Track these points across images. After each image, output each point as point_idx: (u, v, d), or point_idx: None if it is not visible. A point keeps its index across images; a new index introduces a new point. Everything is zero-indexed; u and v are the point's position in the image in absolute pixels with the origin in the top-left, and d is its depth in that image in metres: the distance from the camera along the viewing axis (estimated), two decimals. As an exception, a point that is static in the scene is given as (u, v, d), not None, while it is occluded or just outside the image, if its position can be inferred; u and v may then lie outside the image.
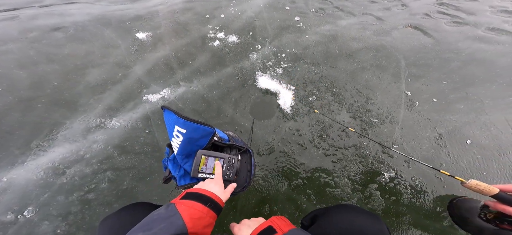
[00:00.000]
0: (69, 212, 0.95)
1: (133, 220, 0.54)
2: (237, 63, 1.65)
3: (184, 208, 0.48)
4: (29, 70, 1.62)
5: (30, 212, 0.95)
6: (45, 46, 1.86)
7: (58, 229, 0.91)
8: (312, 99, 1.38)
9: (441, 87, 1.47)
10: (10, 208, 0.95)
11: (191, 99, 1.40)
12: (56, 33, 2.00)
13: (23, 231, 0.90)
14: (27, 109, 1.33)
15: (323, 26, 2.02)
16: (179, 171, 0.70)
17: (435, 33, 1.90)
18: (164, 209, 0.48)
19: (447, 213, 0.95)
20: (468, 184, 0.64)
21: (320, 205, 1.00)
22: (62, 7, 2.44)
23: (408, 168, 1.09)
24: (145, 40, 1.90)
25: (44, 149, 1.15)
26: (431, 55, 1.70)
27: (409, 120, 1.29)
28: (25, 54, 1.78)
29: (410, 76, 1.54)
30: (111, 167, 1.08)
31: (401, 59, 1.68)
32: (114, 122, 1.26)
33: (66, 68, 1.63)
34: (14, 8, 2.42)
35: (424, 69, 1.59)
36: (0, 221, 0.92)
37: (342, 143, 1.19)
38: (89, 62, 1.68)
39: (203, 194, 0.53)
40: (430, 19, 2.09)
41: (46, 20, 2.19)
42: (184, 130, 0.63)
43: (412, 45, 1.80)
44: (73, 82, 1.52)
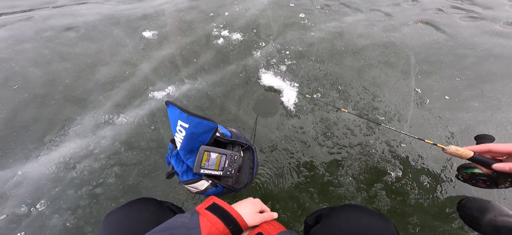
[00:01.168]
0: (78, 206, 0.99)
1: (139, 215, 0.56)
2: (241, 61, 1.65)
3: (206, 224, 0.47)
4: (43, 69, 1.70)
5: (42, 205, 0.99)
6: (58, 45, 1.94)
7: (67, 222, 0.95)
8: (316, 96, 1.36)
9: (454, 84, 1.41)
10: (24, 201, 1.00)
11: (195, 96, 1.42)
12: (68, 33, 2.08)
13: (35, 224, 0.94)
14: (41, 106, 1.40)
15: (329, 23, 1.98)
16: (182, 166, 0.70)
17: (449, 29, 1.82)
18: (188, 218, 0.48)
19: (457, 214, 0.92)
20: (448, 150, 0.67)
21: (323, 204, 0.99)
22: (74, 7, 2.53)
23: (417, 168, 1.06)
24: (151, 39, 1.94)
25: (57, 144, 1.20)
26: (444, 51, 1.63)
27: (418, 118, 1.25)
28: (40, 53, 1.86)
29: (420, 73, 1.49)
30: (118, 162, 1.11)
31: (411, 55, 1.62)
32: (121, 118, 1.30)
33: (78, 67, 1.69)
34: (30, 9, 2.54)
35: (436, 65, 1.53)
36: (15, 213, 0.97)
37: (347, 141, 1.16)
38: (99, 61, 1.73)
39: (229, 213, 0.51)
40: (443, 14, 2.00)
41: (59, 21, 2.28)
42: (187, 124, 0.64)
43: (423, 41, 1.73)
44: (83, 80, 1.57)
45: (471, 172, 0.78)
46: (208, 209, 0.51)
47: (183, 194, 1.02)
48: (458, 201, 0.95)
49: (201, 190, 0.70)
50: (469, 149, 0.65)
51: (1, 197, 1.02)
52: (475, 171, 0.77)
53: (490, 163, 0.61)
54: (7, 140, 1.22)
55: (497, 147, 0.60)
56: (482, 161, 0.63)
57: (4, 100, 1.45)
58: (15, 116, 1.34)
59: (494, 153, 0.61)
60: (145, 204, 0.61)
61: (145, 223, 0.54)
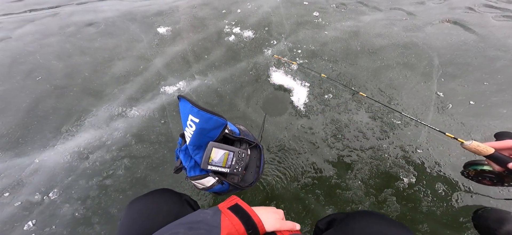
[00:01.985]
0: (87, 196, 1.03)
1: (160, 206, 0.58)
2: (251, 58, 1.64)
3: (227, 224, 0.48)
4: (64, 62, 1.81)
5: (55, 193, 1.05)
6: (79, 40, 2.06)
7: (76, 212, 0.99)
8: (328, 97, 1.32)
9: (481, 88, 1.30)
10: (38, 189, 1.07)
11: (205, 92, 1.43)
12: (89, 28, 2.20)
13: (46, 212, 1.00)
14: (61, 97, 1.49)
15: (344, 22, 1.91)
16: (190, 161, 0.71)
17: (480, 29, 1.69)
18: (211, 215, 0.49)
19: (470, 224, 0.86)
20: (469, 145, 0.66)
21: (329, 207, 0.96)
22: (96, 4, 2.67)
23: (433, 175, 1.00)
24: (165, 35, 1.99)
25: (72, 133, 1.27)
26: (472, 53, 1.52)
27: (438, 124, 1.17)
28: (62, 47, 1.98)
29: (443, 75, 1.40)
30: (128, 155, 1.16)
31: (434, 57, 1.52)
32: (134, 111, 1.35)
33: (96, 61, 1.78)
34: (56, 6, 2.72)
35: (462, 68, 1.42)
36: (29, 201, 1.03)
37: (359, 144, 1.12)
38: (116, 55, 1.81)
39: (251, 217, 0.51)
40: (474, 13, 1.86)
41: (82, 17, 2.41)
42: (197, 119, 0.64)
43: (449, 42, 1.62)
44: (101, 73, 1.65)
45: (480, 169, 0.76)
46: (230, 209, 0.51)
47: (188, 189, 1.04)
48: (474, 210, 0.89)
49: (207, 187, 0.71)
50: (490, 145, 0.63)
51: (18, 183, 1.10)
52: (483, 168, 0.75)
53: (508, 162, 0.60)
54: (27, 128, 1.31)
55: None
56: (500, 158, 0.62)
57: (28, 90, 1.56)
58: (37, 105, 1.44)
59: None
60: (166, 195, 0.63)
61: (165, 214, 0.56)
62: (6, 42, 2.13)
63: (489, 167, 0.71)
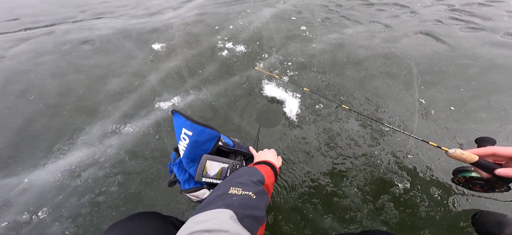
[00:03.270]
0: (79, 214, 0.94)
1: (142, 229, 0.54)
2: (244, 72, 1.62)
3: (261, 167, 0.61)
4: (59, 80, 1.71)
5: (44, 212, 0.95)
6: (74, 58, 1.97)
7: (66, 231, 0.89)
8: (318, 107, 1.30)
9: (459, 95, 1.32)
10: (26, 208, 0.96)
11: (200, 106, 1.38)
12: (84, 46, 2.12)
13: (34, 232, 0.90)
14: (54, 116, 1.39)
15: (330, 35, 1.95)
16: (184, 175, 0.68)
17: (449, 39, 1.75)
18: (247, 167, 0.61)
19: (472, 228, 0.83)
20: (453, 154, 0.62)
21: (327, 215, 0.91)
22: (91, 22, 2.60)
23: (426, 179, 0.97)
24: (160, 51, 1.95)
25: (64, 152, 1.17)
26: (446, 62, 1.56)
27: (424, 129, 1.16)
28: (57, 65, 1.89)
29: (423, 83, 1.41)
30: (122, 171, 1.07)
31: (413, 66, 1.55)
32: (128, 128, 1.27)
33: (91, 78, 1.70)
34: (52, 24, 2.63)
35: (439, 76, 1.45)
36: (16, 221, 0.93)
37: (351, 151, 1.09)
38: (110, 72, 1.74)
39: (269, 162, 0.66)
40: (442, 25, 1.94)
41: (77, 34, 2.33)
42: (191, 132, 0.62)
43: (424, 52, 1.67)
44: (95, 91, 1.57)
45: (469, 176, 0.73)
46: (256, 164, 0.64)
47: (184, 203, 0.96)
48: (472, 216, 0.86)
49: (202, 199, 0.67)
50: (474, 152, 0.60)
51: (5, 204, 0.99)
52: (472, 174, 0.72)
53: (493, 168, 0.57)
54: (18, 148, 1.20)
55: (502, 150, 0.55)
56: (485, 165, 0.59)
57: (20, 110, 1.45)
58: (29, 125, 1.33)
59: (498, 157, 0.57)
60: (150, 218, 0.58)
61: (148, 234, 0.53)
62: (1, 61, 2.01)
63: (478, 173, 0.68)
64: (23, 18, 2.88)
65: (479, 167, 0.60)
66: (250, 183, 0.49)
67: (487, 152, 0.58)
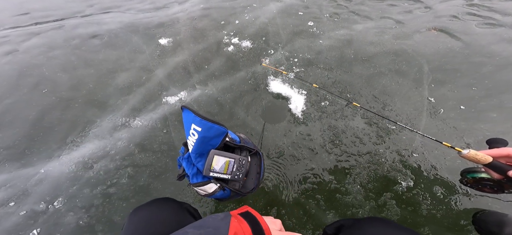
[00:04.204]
0: (91, 205, 1.01)
1: (162, 215, 0.58)
2: (250, 68, 1.65)
3: (236, 225, 0.48)
4: (70, 74, 1.79)
5: (59, 202, 1.03)
6: (84, 52, 2.05)
7: (80, 221, 0.97)
8: (324, 104, 1.32)
9: (470, 93, 1.31)
10: (43, 198, 1.05)
11: (206, 102, 1.43)
12: (93, 40, 2.20)
13: (51, 221, 0.98)
14: (66, 108, 1.47)
15: (338, 31, 1.94)
16: (192, 169, 0.71)
17: (464, 36, 1.71)
18: (221, 218, 0.49)
19: (472, 227, 0.85)
20: (466, 154, 0.62)
21: (329, 211, 0.94)
22: (99, 16, 2.68)
23: (430, 178, 0.99)
24: (166, 46, 2.00)
25: (77, 144, 1.25)
26: (459, 59, 1.53)
27: (432, 128, 1.17)
28: (68, 60, 1.98)
29: (433, 81, 1.41)
30: (131, 164, 1.14)
31: (423, 63, 1.54)
32: (137, 122, 1.33)
33: (100, 72, 1.77)
34: (61, 18, 2.72)
35: (451, 74, 1.44)
36: (33, 210, 1.01)
37: (356, 149, 1.11)
38: (119, 67, 1.81)
39: (259, 223, 0.52)
40: (458, 21, 1.89)
41: (86, 29, 2.42)
42: (200, 128, 0.65)
43: (437, 49, 1.64)
44: (105, 85, 1.64)
45: (478, 176, 0.73)
46: (241, 215, 0.52)
47: (190, 196, 1.02)
48: (473, 214, 0.88)
49: (209, 193, 0.71)
50: (487, 153, 0.61)
51: (23, 193, 1.07)
52: (482, 175, 0.72)
53: (507, 169, 0.58)
54: (33, 140, 1.29)
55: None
56: (498, 167, 0.60)
57: (34, 103, 1.54)
58: (43, 117, 1.42)
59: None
60: (167, 204, 0.62)
61: (167, 223, 0.56)
62: (14, 55, 2.12)
63: (487, 174, 0.68)
64: (33, 12, 2.99)
65: (492, 168, 0.61)
66: None
67: (502, 154, 0.59)
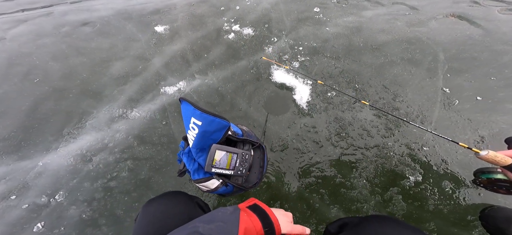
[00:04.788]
0: (93, 198, 1.09)
1: (174, 209, 0.61)
2: (252, 56, 1.69)
3: (245, 219, 0.51)
4: (61, 63, 1.86)
5: (61, 196, 1.11)
6: (75, 40, 2.11)
7: (83, 214, 1.05)
8: (330, 94, 1.37)
9: (489, 84, 1.34)
10: (44, 191, 1.12)
11: (206, 92, 1.48)
12: (84, 28, 2.25)
13: (54, 214, 1.06)
14: (60, 99, 1.54)
15: (346, 18, 1.96)
16: (193, 164, 0.74)
17: (485, 23, 1.73)
18: (231, 211, 0.53)
19: (478, 222, 0.91)
20: (485, 156, 0.63)
21: (333, 206, 1.01)
22: (89, 2, 2.72)
23: (440, 173, 1.04)
24: (163, 34, 2.04)
25: (74, 136, 1.33)
26: (478, 48, 1.56)
27: (444, 120, 1.21)
28: (58, 48, 2.04)
29: (449, 71, 1.44)
30: (131, 157, 1.21)
31: (439, 52, 1.56)
32: (134, 113, 1.40)
33: (93, 61, 1.83)
34: (49, 5, 2.77)
35: (468, 63, 1.47)
36: (35, 203, 1.09)
37: (363, 142, 1.17)
38: (113, 55, 1.86)
39: (268, 215, 0.55)
40: (479, 7, 1.89)
41: (76, 16, 2.46)
42: (200, 122, 0.67)
43: (454, 36, 1.66)
44: (99, 74, 1.71)
45: (494, 177, 0.75)
46: (249, 208, 0.56)
47: (192, 190, 1.09)
48: (481, 210, 0.92)
49: (211, 189, 0.74)
50: (507, 154, 0.61)
51: (23, 186, 1.15)
52: (497, 176, 0.74)
53: None
54: (29, 131, 1.37)
55: None
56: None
57: (26, 93, 1.61)
58: (37, 108, 1.50)
59: None
60: (179, 197, 0.66)
61: (179, 216, 0.59)
62: (1, 43, 2.19)
63: (504, 175, 0.70)
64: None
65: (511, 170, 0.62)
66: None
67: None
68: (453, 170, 1.04)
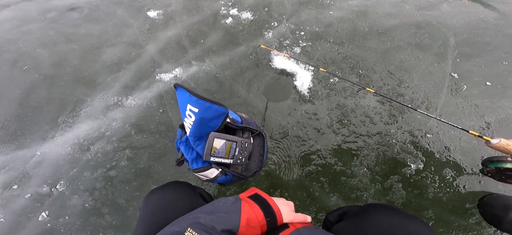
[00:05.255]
0: (94, 188, 1.17)
1: (177, 200, 0.64)
2: (251, 42, 1.73)
3: (247, 209, 0.54)
4: (50, 50, 1.91)
5: (62, 185, 1.19)
6: (62, 26, 2.15)
7: (86, 203, 1.13)
8: (333, 81, 1.42)
9: (500, 69, 1.39)
10: (45, 181, 1.21)
11: (203, 79, 1.54)
12: (72, 13, 2.28)
13: (57, 203, 1.14)
14: (52, 86, 1.61)
15: (350, 1, 1.98)
16: (192, 153, 0.75)
17: (501, 5, 1.75)
18: (232, 202, 0.56)
19: (476, 210, 0.97)
20: (496, 144, 0.67)
21: (333, 194, 1.08)
22: (75, -15, 2.73)
23: (441, 160, 1.11)
24: (156, 19, 2.07)
25: (70, 124, 1.40)
26: (492, 31, 1.59)
27: (451, 106, 1.27)
28: (45, 34, 2.08)
29: (459, 56, 1.48)
30: (129, 146, 1.28)
31: (450, 36, 1.60)
32: (130, 101, 1.47)
33: (84, 48, 1.88)
34: (32, -12, 2.78)
35: (480, 47, 1.51)
36: (38, 193, 1.17)
37: (365, 129, 1.23)
38: (104, 42, 1.91)
39: (270, 205, 0.58)
40: (495, -13, 1.91)
41: (62, 1, 2.48)
42: (197, 108, 0.67)
43: (467, 20, 1.69)
44: (91, 61, 1.76)
45: (503, 167, 0.78)
46: (251, 198, 0.60)
47: (192, 180, 1.16)
48: (480, 198, 0.98)
49: (211, 178, 0.77)
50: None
51: (24, 176, 1.24)
52: (507, 166, 0.77)
53: None
54: (23, 120, 1.44)
55: None
56: None
57: (16, 81, 1.67)
58: (29, 96, 1.56)
59: None
60: (182, 188, 0.69)
61: (181, 207, 0.62)
62: (-16, 29, 2.23)
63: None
64: (0, -21, 3.05)
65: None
66: (214, 232, 0.47)
67: None
68: (455, 158, 1.11)
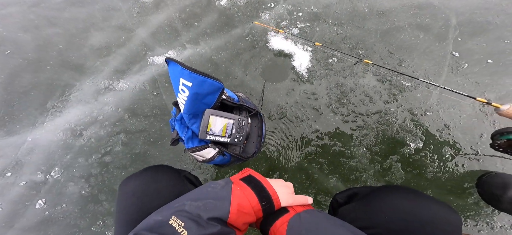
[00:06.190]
0: (90, 174, 1.24)
1: (157, 184, 0.62)
2: (247, 24, 1.80)
3: (238, 194, 0.52)
4: (32, 34, 1.95)
5: (56, 172, 1.26)
6: (44, 10, 2.18)
7: (82, 190, 1.21)
8: (332, 61, 1.51)
9: (501, 47, 1.49)
10: (39, 168, 1.27)
11: (198, 61, 1.61)
12: (53, -4, 2.32)
13: (53, 191, 1.21)
14: (37, 71, 1.66)
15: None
16: (187, 132, 0.77)
17: (504, -16, 1.85)
18: (222, 185, 0.54)
19: (474, 190, 1.06)
20: (506, 111, 0.71)
21: (332, 175, 1.17)
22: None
23: (441, 139, 1.21)
24: (146, 2, 2.12)
25: (60, 109, 1.46)
26: (494, 11, 1.69)
27: (451, 84, 1.37)
28: (26, 18, 2.12)
29: (461, 35, 1.58)
30: (123, 130, 1.35)
31: (451, 16, 1.69)
32: (122, 84, 1.53)
33: (69, 32, 1.93)
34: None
35: (482, 27, 1.60)
36: (32, 180, 1.24)
37: (365, 108, 1.32)
38: (91, 26, 1.96)
39: (265, 188, 0.55)
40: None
41: (42, -17, 2.51)
42: (190, 83, 0.68)
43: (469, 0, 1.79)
44: (77, 45, 1.81)
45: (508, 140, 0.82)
46: (243, 180, 0.57)
47: (190, 163, 1.24)
48: (478, 177, 1.06)
49: (207, 158, 0.80)
50: None
51: (16, 163, 1.30)
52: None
53: None
54: (10, 105, 1.50)
55: None
56: None
57: (-1, 66, 1.73)
58: (13, 81, 1.62)
59: None
60: (163, 172, 0.67)
61: (165, 193, 0.61)
62: (-41, 14, 2.25)
63: None
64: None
65: None
66: (200, 220, 0.45)
67: None
68: (455, 135, 1.21)
